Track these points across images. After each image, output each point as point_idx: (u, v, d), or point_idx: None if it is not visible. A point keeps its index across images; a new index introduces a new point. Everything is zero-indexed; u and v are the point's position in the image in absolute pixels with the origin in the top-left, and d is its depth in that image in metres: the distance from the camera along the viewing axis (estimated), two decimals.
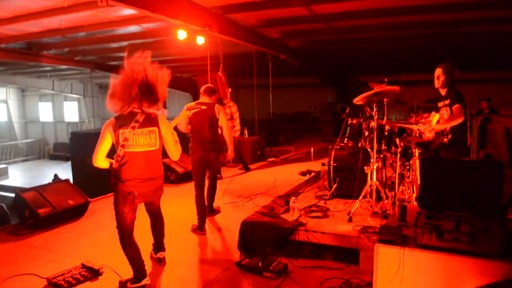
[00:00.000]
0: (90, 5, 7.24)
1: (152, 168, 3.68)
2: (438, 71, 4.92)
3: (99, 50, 13.73)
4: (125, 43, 12.52)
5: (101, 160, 3.52)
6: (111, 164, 3.56)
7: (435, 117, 5.14)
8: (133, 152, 3.54)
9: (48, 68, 16.96)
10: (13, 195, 6.28)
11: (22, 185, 17.09)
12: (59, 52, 13.37)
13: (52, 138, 27.94)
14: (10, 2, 7.36)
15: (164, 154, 3.84)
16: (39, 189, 5.68)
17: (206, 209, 5.42)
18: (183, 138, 4.28)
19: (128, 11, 8.04)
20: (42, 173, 20.48)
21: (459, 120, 4.64)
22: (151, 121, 3.63)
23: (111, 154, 3.56)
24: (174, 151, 3.89)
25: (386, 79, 5.23)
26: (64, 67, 15.13)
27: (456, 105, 4.71)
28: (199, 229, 5.21)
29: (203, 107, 5.34)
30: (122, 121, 3.51)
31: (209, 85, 5.67)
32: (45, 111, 27.93)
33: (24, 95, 28.45)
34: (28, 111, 28.57)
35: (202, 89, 5.49)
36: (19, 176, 20.65)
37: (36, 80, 22.85)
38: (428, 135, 4.89)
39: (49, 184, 6.33)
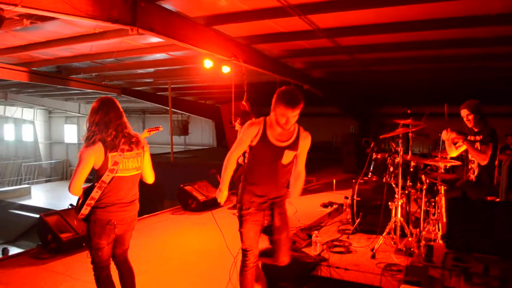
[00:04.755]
0: (120, 33, 7.41)
1: (133, 190, 3.46)
2: (465, 112, 4.79)
3: (125, 76, 14.04)
4: (151, 70, 12.79)
5: (80, 188, 3.22)
6: (85, 192, 3.25)
7: (463, 147, 5.02)
8: (120, 177, 3.29)
9: (76, 92, 17.35)
10: (34, 215, 6.34)
11: (44, 205, 17.30)
12: (87, 77, 13.71)
13: (76, 159, 28.35)
14: (44, 27, 7.58)
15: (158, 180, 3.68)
16: (62, 213, 5.72)
17: None
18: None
19: (156, 39, 8.22)
20: (64, 194, 20.65)
21: (483, 161, 4.54)
22: (137, 143, 3.42)
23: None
24: (151, 175, 3.65)
25: (409, 111, 5.19)
26: (91, 91, 15.47)
27: (486, 146, 4.60)
28: None
29: None
30: (110, 144, 3.23)
31: None
32: (70, 133, 28.44)
33: (51, 117, 29.11)
34: (53, 133, 29.16)
35: None
36: (42, 196, 20.92)
37: (63, 102, 23.38)
38: (448, 150, 4.77)
39: (72, 208, 6.39)
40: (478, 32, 7.47)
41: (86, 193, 3.23)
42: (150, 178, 3.66)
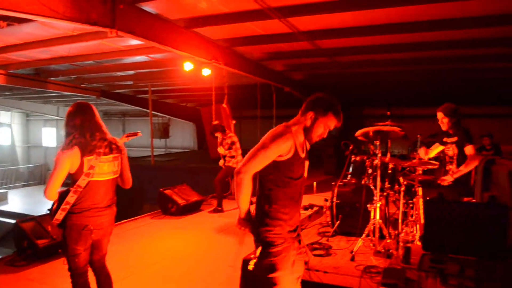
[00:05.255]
0: (99, 35, 7.31)
1: (110, 195, 3.41)
2: (440, 115, 4.95)
3: (105, 78, 13.90)
4: (131, 72, 12.69)
5: (55, 193, 3.16)
6: (60, 197, 3.19)
7: (437, 148, 5.13)
8: (96, 181, 3.24)
9: (54, 94, 17.09)
10: (11, 221, 6.21)
11: (21, 211, 16.93)
12: (66, 79, 13.54)
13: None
14: (21, 29, 7.45)
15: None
16: (39, 219, 5.59)
17: None
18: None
19: (135, 42, 8.15)
20: (42, 198, 20.13)
21: (477, 162, 4.62)
22: (115, 148, 3.38)
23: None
24: (129, 179, 3.60)
25: (388, 113, 5.25)
26: (70, 93, 15.27)
27: (469, 146, 4.71)
28: None
29: None
30: (86, 148, 3.17)
31: None
32: (48, 136, 27.97)
33: (29, 120, 28.57)
34: (31, 136, 28.61)
35: None
36: (19, 201, 20.48)
37: (41, 105, 22.98)
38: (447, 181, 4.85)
39: (48, 213, 6.27)
40: (457, 35, 7.61)
41: (61, 197, 3.18)
42: (128, 183, 3.61)
